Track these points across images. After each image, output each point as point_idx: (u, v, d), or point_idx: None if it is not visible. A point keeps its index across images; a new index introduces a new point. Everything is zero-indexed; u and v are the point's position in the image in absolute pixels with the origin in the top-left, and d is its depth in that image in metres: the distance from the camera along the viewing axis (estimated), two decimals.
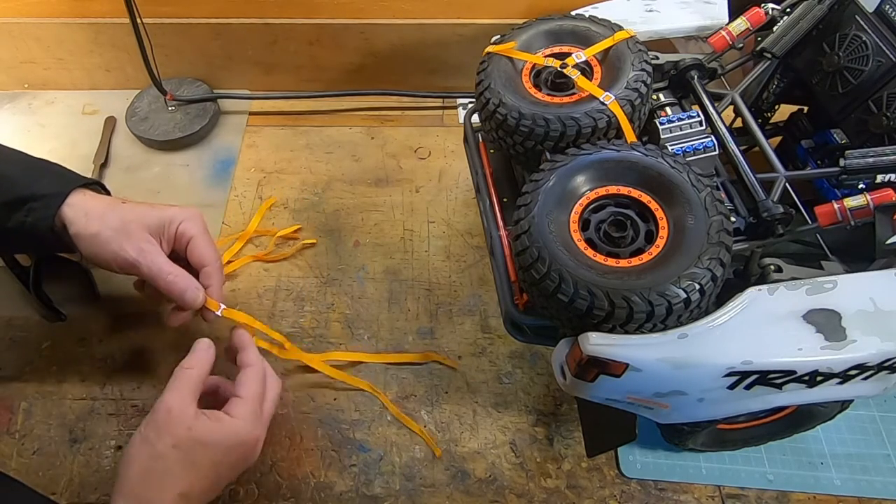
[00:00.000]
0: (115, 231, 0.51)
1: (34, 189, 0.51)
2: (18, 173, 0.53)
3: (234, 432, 0.47)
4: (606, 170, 0.47)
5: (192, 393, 0.47)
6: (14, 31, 0.80)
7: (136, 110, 0.83)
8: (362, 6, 0.78)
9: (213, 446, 0.46)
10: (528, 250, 0.44)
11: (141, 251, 0.51)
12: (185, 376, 0.48)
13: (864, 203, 0.46)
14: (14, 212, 0.51)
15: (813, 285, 0.44)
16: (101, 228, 0.51)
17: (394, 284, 0.69)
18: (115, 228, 0.51)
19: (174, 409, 0.46)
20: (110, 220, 0.52)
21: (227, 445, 0.46)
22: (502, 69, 0.56)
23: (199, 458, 0.45)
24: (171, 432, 0.45)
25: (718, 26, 0.60)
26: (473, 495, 0.56)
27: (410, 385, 0.62)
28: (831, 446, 0.59)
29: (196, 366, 0.49)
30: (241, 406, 0.48)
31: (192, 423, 0.45)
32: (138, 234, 0.52)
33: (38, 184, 0.52)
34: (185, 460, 0.45)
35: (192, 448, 0.45)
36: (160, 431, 0.45)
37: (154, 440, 0.44)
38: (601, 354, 0.41)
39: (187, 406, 0.46)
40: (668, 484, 0.57)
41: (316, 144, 0.82)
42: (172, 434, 0.45)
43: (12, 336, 0.65)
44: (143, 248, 0.51)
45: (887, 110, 0.52)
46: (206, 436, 0.46)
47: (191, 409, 0.46)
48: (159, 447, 0.44)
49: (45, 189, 0.52)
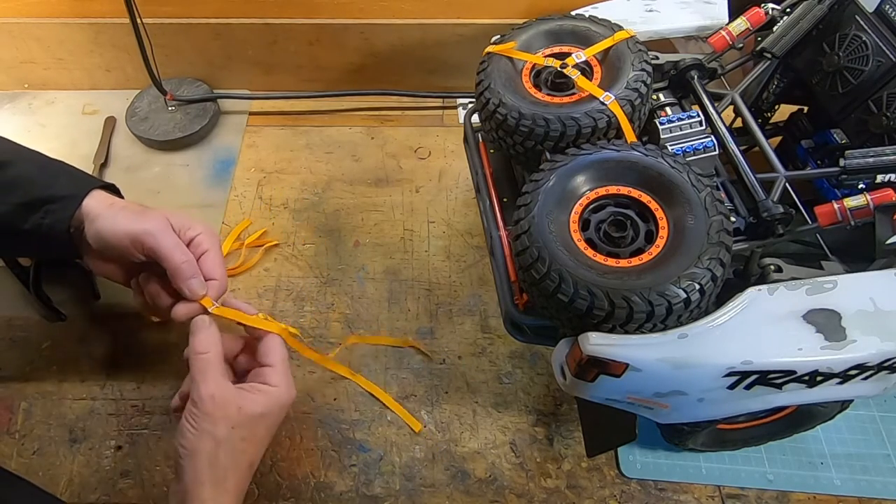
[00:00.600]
0: (136, 213, 0.51)
1: (52, 190, 0.51)
2: (36, 174, 0.53)
3: (278, 400, 0.49)
4: (606, 170, 0.47)
5: (221, 374, 0.48)
6: (14, 31, 0.80)
7: (136, 110, 0.83)
8: (362, 6, 0.78)
9: (266, 416, 0.48)
10: (528, 250, 0.44)
11: (158, 228, 0.51)
12: (206, 361, 0.48)
13: (864, 203, 0.46)
14: (31, 213, 0.51)
15: (813, 285, 0.44)
16: (122, 210, 0.51)
17: (394, 284, 0.69)
18: (135, 211, 0.52)
19: (216, 395, 0.47)
20: (132, 207, 0.52)
21: (276, 413, 0.49)
22: (502, 69, 0.56)
23: (257, 431, 0.48)
24: (224, 416, 0.46)
25: (718, 26, 0.60)
26: (473, 495, 0.56)
27: (410, 385, 0.62)
28: (831, 446, 0.59)
29: (210, 347, 0.49)
30: (275, 375, 0.50)
31: (240, 401, 0.47)
32: (158, 218, 0.52)
33: (55, 185, 0.52)
34: (246, 436, 0.47)
35: (249, 423, 0.47)
36: (214, 420, 0.46)
37: (211, 429, 0.46)
38: (601, 354, 0.41)
39: (225, 389, 0.47)
40: (668, 484, 0.57)
41: (316, 144, 0.82)
42: (227, 418, 0.46)
43: (12, 336, 0.65)
44: (160, 227, 0.51)
45: (887, 110, 0.52)
46: (258, 409, 0.48)
47: (230, 391, 0.48)
48: (219, 433, 0.46)
49: (63, 190, 0.52)
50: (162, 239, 0.50)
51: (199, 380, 0.47)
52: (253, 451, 0.48)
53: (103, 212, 0.51)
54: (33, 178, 0.52)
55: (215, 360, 0.49)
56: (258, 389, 0.49)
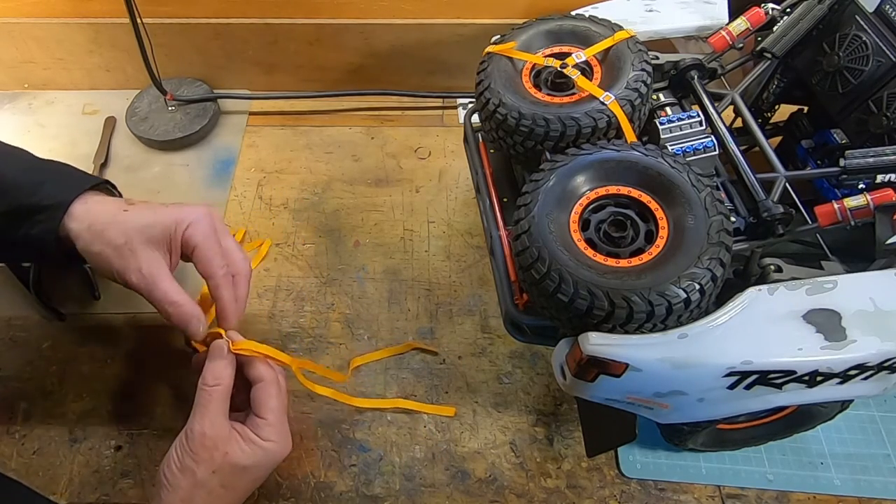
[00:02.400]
0: (117, 249, 0.48)
1: (38, 198, 0.49)
2: (21, 177, 0.50)
3: (269, 456, 0.47)
4: (606, 170, 0.47)
5: (222, 411, 0.47)
6: (14, 31, 0.80)
7: (136, 110, 0.83)
8: (362, 6, 0.78)
9: (251, 470, 0.47)
10: (528, 250, 0.44)
11: (142, 276, 0.48)
12: (211, 396, 0.47)
13: (864, 203, 0.46)
14: (19, 221, 0.49)
15: (813, 285, 0.44)
16: (103, 247, 0.48)
17: (394, 284, 0.69)
18: (117, 246, 0.48)
19: (208, 434, 0.45)
20: (112, 235, 0.49)
21: (265, 466, 0.48)
22: (502, 69, 0.56)
23: (239, 481, 0.46)
24: (209, 459, 0.45)
25: (718, 26, 0.60)
26: (473, 495, 0.56)
27: (410, 385, 0.62)
28: (831, 446, 0.59)
29: (221, 381, 0.47)
30: (268, 428, 0.47)
31: (229, 447, 0.46)
32: (141, 251, 0.48)
33: (41, 191, 0.49)
34: (227, 484, 0.46)
35: (231, 472, 0.46)
36: (198, 459, 0.45)
37: (193, 468, 0.45)
38: (601, 354, 0.41)
39: (220, 428, 0.46)
40: (668, 484, 0.57)
41: (316, 144, 0.82)
42: (211, 461, 0.45)
43: (12, 336, 0.65)
44: (144, 272, 0.48)
45: (887, 110, 0.51)
46: (244, 461, 0.46)
47: (224, 431, 0.46)
48: (199, 475, 0.45)
49: (49, 198, 0.49)
50: (146, 292, 0.48)
51: (198, 413, 0.46)
52: (232, 498, 0.46)
53: (83, 234, 0.49)
54: (18, 181, 0.50)
55: (220, 396, 0.47)
56: (251, 440, 0.47)
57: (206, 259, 0.50)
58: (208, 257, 0.50)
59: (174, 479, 0.45)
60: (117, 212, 0.50)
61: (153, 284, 0.48)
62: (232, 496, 0.46)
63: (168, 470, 0.45)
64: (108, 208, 0.51)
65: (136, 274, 0.48)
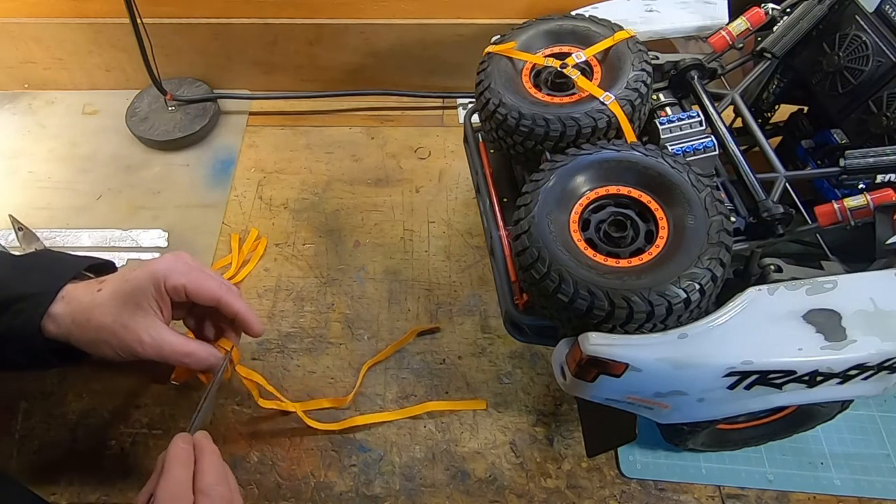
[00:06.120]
0: (109, 331, 0.47)
1: (22, 289, 0.47)
2: (8, 273, 0.49)
3: None
4: (606, 170, 0.47)
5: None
6: (14, 31, 0.80)
7: (136, 110, 0.83)
8: (362, 6, 0.78)
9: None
10: (528, 250, 0.44)
11: (145, 344, 0.48)
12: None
13: (864, 203, 0.46)
14: (1, 314, 0.47)
15: (813, 285, 0.44)
16: (94, 336, 0.48)
17: (394, 284, 0.69)
18: (107, 329, 0.47)
19: None
20: (99, 318, 0.47)
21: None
22: (502, 69, 0.56)
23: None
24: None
25: (718, 26, 0.60)
26: (473, 495, 0.56)
27: (410, 385, 0.62)
28: (831, 446, 0.59)
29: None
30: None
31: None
32: (133, 322, 0.48)
33: (25, 282, 0.48)
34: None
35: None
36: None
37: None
38: (601, 354, 0.41)
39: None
40: (668, 484, 0.57)
41: (316, 144, 0.82)
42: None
43: None
44: (146, 340, 0.48)
45: (887, 110, 0.52)
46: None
47: None
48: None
49: (33, 287, 0.48)
50: (155, 356, 0.48)
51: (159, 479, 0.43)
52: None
53: (77, 339, 0.48)
54: (4, 277, 0.49)
55: None
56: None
57: (202, 289, 0.50)
58: (203, 286, 0.50)
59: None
60: (93, 294, 0.49)
61: (160, 347, 0.48)
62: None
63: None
64: (85, 296, 0.49)
65: (139, 345, 0.48)
